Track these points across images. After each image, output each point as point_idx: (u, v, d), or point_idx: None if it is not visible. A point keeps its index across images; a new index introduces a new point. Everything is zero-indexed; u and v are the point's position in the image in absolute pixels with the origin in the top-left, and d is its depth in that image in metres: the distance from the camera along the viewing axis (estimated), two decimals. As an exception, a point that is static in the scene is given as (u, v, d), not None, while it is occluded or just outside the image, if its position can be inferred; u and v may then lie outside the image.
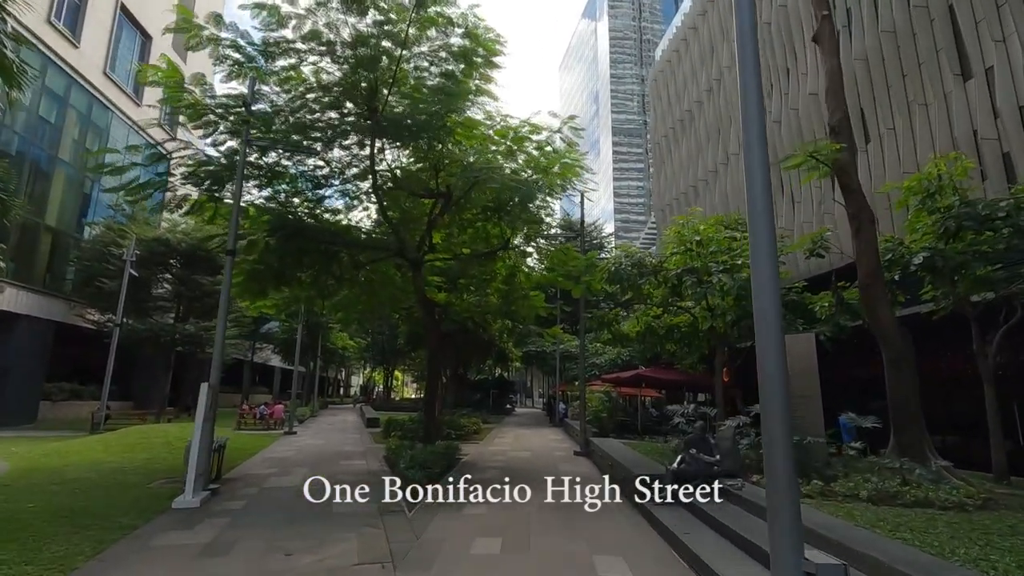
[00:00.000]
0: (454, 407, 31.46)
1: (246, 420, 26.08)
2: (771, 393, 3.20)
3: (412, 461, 10.62)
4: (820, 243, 10.82)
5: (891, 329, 9.21)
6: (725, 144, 27.45)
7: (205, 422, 9.30)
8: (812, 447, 8.58)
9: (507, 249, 15.62)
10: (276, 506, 8.91)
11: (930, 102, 15.41)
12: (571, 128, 14.11)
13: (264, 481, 11.27)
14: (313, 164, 14.46)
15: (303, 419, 30.72)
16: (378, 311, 20.56)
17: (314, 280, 14.77)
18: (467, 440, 20.06)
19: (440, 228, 15.97)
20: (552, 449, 17.71)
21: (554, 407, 31.32)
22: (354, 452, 16.88)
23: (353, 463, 14.33)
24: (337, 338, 42.75)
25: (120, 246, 25.16)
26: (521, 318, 18.33)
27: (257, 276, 13.97)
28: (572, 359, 31.59)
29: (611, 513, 8.49)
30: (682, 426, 10.30)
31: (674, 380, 18.81)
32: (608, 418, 19.41)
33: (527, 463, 14.34)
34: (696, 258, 12.44)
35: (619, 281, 12.22)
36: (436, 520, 7.99)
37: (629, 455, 11.79)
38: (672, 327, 14.96)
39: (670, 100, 34.86)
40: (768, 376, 3.16)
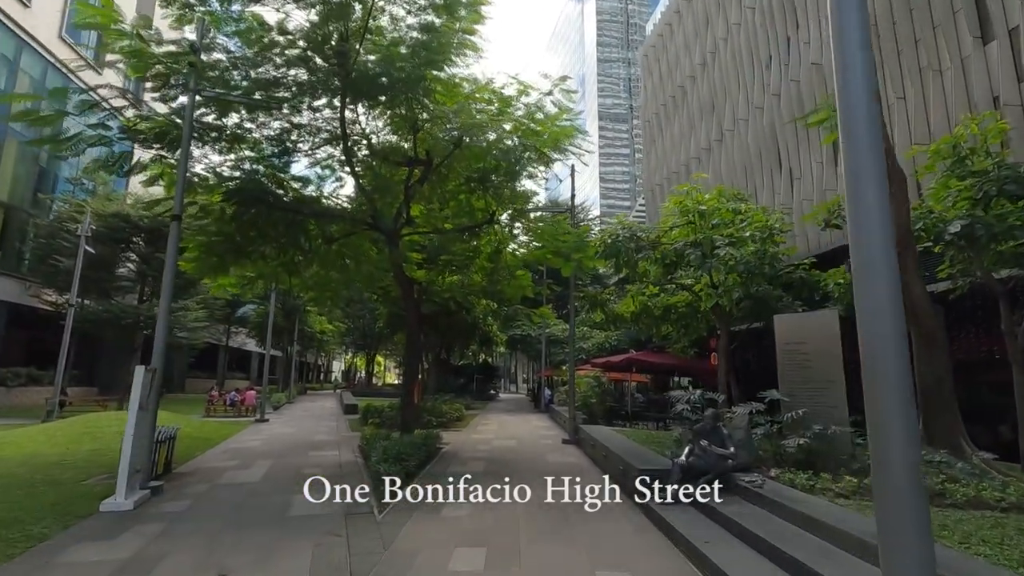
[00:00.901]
0: (436, 392, 30.37)
1: (216, 407, 24.70)
2: (887, 387, 2.15)
3: (385, 454, 9.47)
4: (837, 212, 9.78)
5: (923, 304, 8.24)
6: (719, 120, 26.38)
7: (142, 410, 8.00)
8: (837, 438, 7.61)
9: (492, 224, 14.41)
10: (225, 507, 7.70)
11: (945, 68, 14.43)
12: (563, 91, 12.85)
13: (219, 476, 10.04)
14: (279, 127, 13.06)
15: (279, 406, 29.42)
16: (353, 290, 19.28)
17: (279, 254, 13.41)
18: (449, 428, 18.98)
19: (420, 200, 14.72)
20: (539, 437, 16.69)
21: (539, 393, 30.37)
22: (327, 441, 15.70)
23: (324, 454, 13.15)
24: (315, 322, 41.23)
25: (77, 222, 23.39)
26: (507, 298, 17.20)
27: (214, 249, 12.59)
28: (558, 343, 30.60)
29: (611, 514, 7.44)
30: (686, 414, 9.28)
31: (667, 364, 17.89)
32: (597, 404, 18.44)
33: (513, 453, 13.29)
34: (698, 231, 11.38)
35: (615, 255, 11.11)
36: (410, 524, 6.87)
37: (624, 444, 10.77)
38: (668, 307, 13.93)
39: (662, 76, 33.61)
40: (880, 369, 2.13)
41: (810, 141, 19.73)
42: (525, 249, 15.09)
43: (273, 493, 8.60)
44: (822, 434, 7.47)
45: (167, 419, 18.28)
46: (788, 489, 6.60)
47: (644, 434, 13.77)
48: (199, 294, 27.97)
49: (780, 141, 21.45)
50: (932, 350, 8.18)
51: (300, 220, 13.08)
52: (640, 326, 13.65)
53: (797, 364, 8.48)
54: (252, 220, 12.48)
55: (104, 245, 24.87)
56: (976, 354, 11.62)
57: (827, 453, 7.57)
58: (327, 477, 10.02)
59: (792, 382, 8.52)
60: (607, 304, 13.46)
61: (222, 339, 45.02)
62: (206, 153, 13.63)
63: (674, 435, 10.19)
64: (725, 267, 10.45)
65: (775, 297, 13.78)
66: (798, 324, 8.72)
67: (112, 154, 10.40)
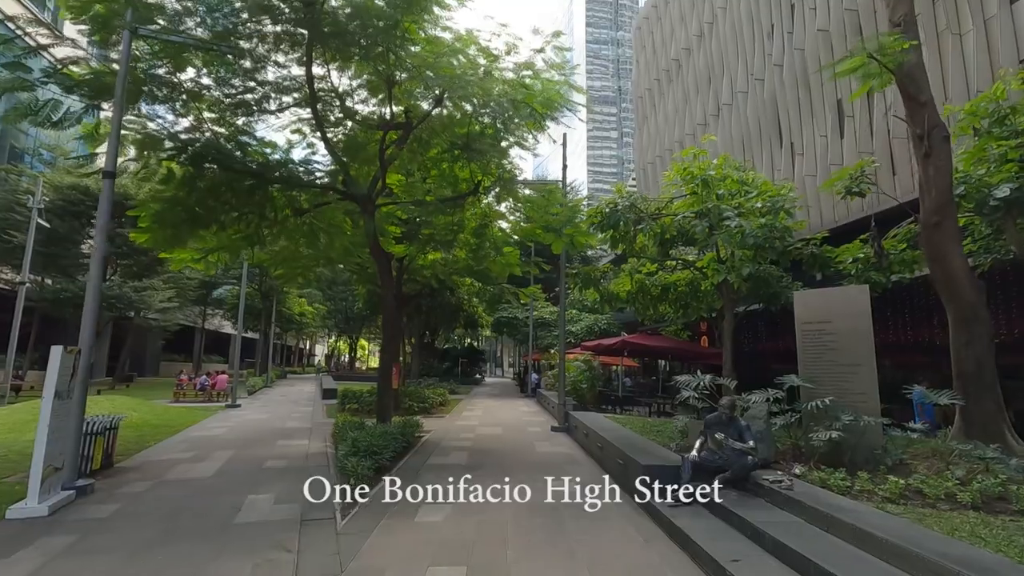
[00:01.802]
0: (419, 377, 29.30)
1: (185, 391, 23.37)
2: None
3: (354, 447, 8.36)
4: (860, 179, 8.77)
5: (964, 279, 7.29)
6: (716, 93, 25.25)
7: (59, 398, 6.78)
8: (869, 429, 6.66)
9: (477, 195, 13.21)
10: (162, 511, 6.56)
11: (965, 31, 13.44)
12: (556, 48, 11.65)
13: (167, 471, 8.87)
14: (241, 84, 11.68)
15: (254, 390, 28.19)
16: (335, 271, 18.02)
17: (242, 224, 12.11)
18: (431, 414, 17.96)
19: (399, 169, 13.50)
20: (526, 424, 15.72)
21: (526, 377, 29.44)
22: (298, 429, 14.59)
23: (293, 444, 12.04)
24: (294, 303, 39.74)
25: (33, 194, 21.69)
26: (493, 277, 16.07)
27: (168, 218, 11.25)
28: (546, 326, 29.61)
29: (613, 518, 6.43)
30: (692, 401, 8.29)
31: (663, 347, 16.98)
32: (588, 389, 17.51)
33: (499, 442, 12.29)
34: (703, 200, 10.32)
35: (614, 227, 10.02)
36: (377, 533, 5.80)
37: (622, 435, 9.80)
38: (667, 286, 12.92)
39: (655, 49, 32.28)
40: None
41: (814, 113, 18.72)
42: (513, 223, 13.95)
43: (224, 492, 7.48)
44: (853, 425, 6.52)
45: (127, 405, 17.04)
46: (822, 491, 5.64)
47: (639, 421, 12.84)
48: (167, 272, 26.36)
49: (782, 114, 20.41)
50: (972, 329, 7.25)
51: (264, 187, 11.80)
52: (636, 306, 12.63)
53: (820, 346, 7.50)
54: (210, 186, 11.21)
55: (62, 220, 23.23)
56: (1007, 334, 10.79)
57: (855, 447, 6.63)
58: (289, 472, 8.96)
59: (814, 366, 7.55)
60: (601, 282, 12.41)
61: (197, 321, 43.47)
62: (160, 112, 12.33)
63: (678, 425, 9.22)
64: (734, 240, 9.43)
65: (775, 276, 12.83)
66: (822, 301, 7.72)
67: (36, 101, 9.00)
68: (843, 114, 17.30)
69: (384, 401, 12.23)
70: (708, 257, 10.41)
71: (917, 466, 6.48)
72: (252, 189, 11.49)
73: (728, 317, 10.46)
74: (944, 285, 7.46)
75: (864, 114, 16.39)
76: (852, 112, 16.79)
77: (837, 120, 17.56)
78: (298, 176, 11.64)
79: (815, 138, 18.43)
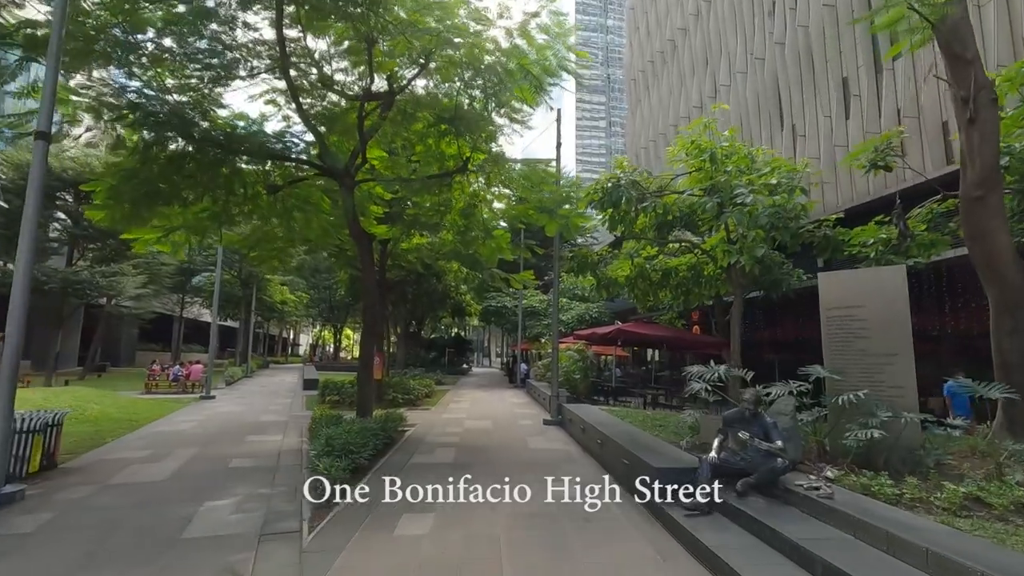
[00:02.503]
0: (405, 367, 28.36)
1: (157, 382, 22.25)
2: None
3: (328, 446, 7.47)
4: (886, 151, 7.99)
5: (1009, 260, 6.55)
6: (714, 75, 24.40)
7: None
8: (908, 427, 5.92)
9: (465, 172, 12.26)
10: (98, 524, 5.62)
11: (984, 2, 12.69)
12: (552, 13, 10.71)
13: (116, 473, 7.91)
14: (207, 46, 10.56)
15: (232, 381, 27.11)
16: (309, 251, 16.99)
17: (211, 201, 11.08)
18: (416, 406, 17.08)
19: (381, 143, 12.52)
20: (517, 417, 14.92)
21: (515, 367, 28.64)
22: (273, 423, 13.65)
23: (265, 439, 11.12)
24: (275, 291, 38.46)
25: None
26: (482, 262, 15.15)
27: (124, 193, 10.18)
28: (535, 316, 28.79)
29: (622, 529, 5.62)
30: (702, 395, 7.50)
31: (660, 337, 16.23)
32: (581, 380, 16.74)
33: (488, 437, 11.46)
34: (709, 176, 9.49)
35: (615, 204, 9.15)
36: (349, 550, 4.93)
37: (623, 430, 9.02)
38: (668, 271, 12.11)
39: (649, 30, 31.30)
40: None
41: (817, 92, 17.97)
42: (504, 203, 13.03)
43: (176, 499, 6.55)
44: (892, 423, 5.77)
45: (90, 397, 15.94)
46: (867, 500, 4.87)
47: (638, 415, 12.07)
48: (137, 258, 25.01)
49: (783, 94, 19.64)
50: (1017, 316, 6.53)
51: (232, 160, 10.78)
52: (635, 292, 11.82)
53: (849, 333, 6.73)
54: (171, 157, 10.19)
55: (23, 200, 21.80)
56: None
57: (892, 447, 5.88)
58: (256, 473, 8.06)
59: (840, 356, 6.79)
60: (598, 267, 11.54)
61: (175, 309, 42.04)
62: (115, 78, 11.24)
63: (687, 420, 8.43)
64: (747, 219, 8.62)
65: (777, 262, 12.10)
66: (851, 283, 6.94)
67: None
68: (849, 93, 16.56)
69: (364, 393, 11.32)
70: (717, 237, 9.59)
71: (962, 468, 5.75)
72: (218, 162, 10.48)
73: (737, 302, 9.69)
74: (985, 266, 6.72)
75: (871, 93, 15.66)
76: (859, 91, 16.05)
77: (843, 99, 16.82)
78: (267, 147, 10.59)
79: (819, 119, 17.69)
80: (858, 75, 16.15)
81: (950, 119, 12.57)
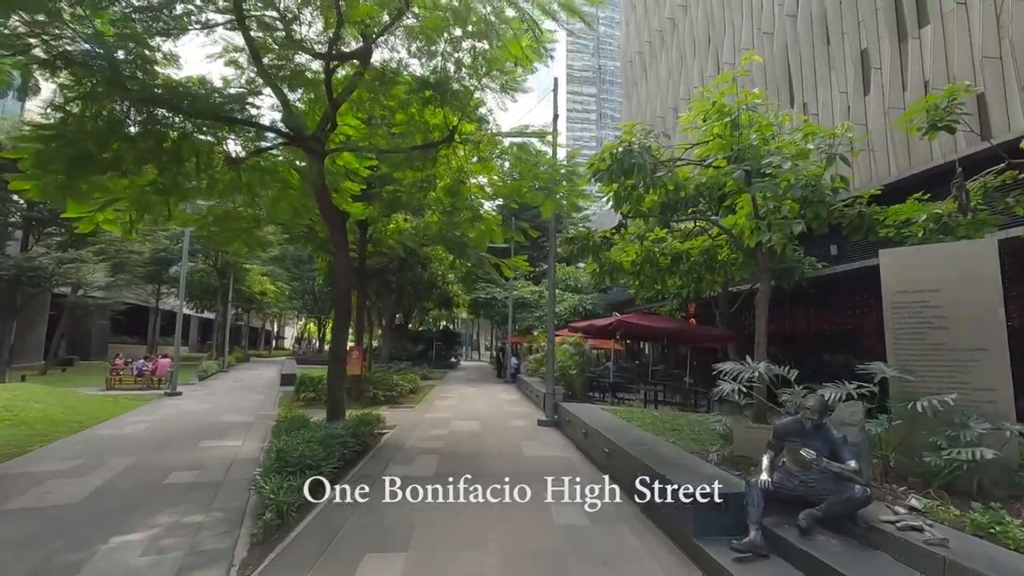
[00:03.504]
0: (390, 360, 26.93)
1: (120, 377, 20.62)
2: None
3: (280, 460, 6.08)
4: (951, 108, 6.71)
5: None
6: (717, 52, 23.07)
7: None
8: (1007, 443, 4.67)
9: (451, 143, 10.84)
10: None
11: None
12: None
13: (23, 492, 6.48)
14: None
15: (206, 375, 25.50)
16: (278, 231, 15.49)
17: (157, 171, 9.56)
18: (398, 404, 15.73)
19: (357, 109, 11.12)
20: (508, 416, 13.61)
21: (504, 361, 27.32)
22: (236, 424, 12.25)
23: (221, 445, 9.72)
24: (254, 281, 36.75)
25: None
26: (470, 247, 13.77)
27: (53, 159, 8.64)
28: (526, 307, 27.45)
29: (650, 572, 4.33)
30: (729, 396, 6.22)
31: (664, 329, 14.98)
32: (578, 376, 15.47)
33: (477, 442, 10.11)
34: (729, 147, 8.16)
35: (626, 174, 7.76)
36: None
37: (633, 436, 7.73)
38: (679, 255, 10.82)
39: (647, 8, 29.84)
40: None
41: (832, 68, 16.70)
42: (495, 180, 11.64)
43: (78, 533, 5.15)
44: (992, 436, 4.52)
45: (35, 394, 14.36)
46: (995, 549, 3.59)
47: (644, 416, 10.81)
48: (99, 244, 23.26)
49: (794, 71, 18.37)
50: None
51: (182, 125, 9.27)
52: (641, 279, 10.52)
53: (921, 323, 5.47)
54: (112, 120, 8.72)
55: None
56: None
57: (986, 467, 4.63)
58: (195, 491, 6.66)
59: (908, 351, 5.53)
60: (601, 251, 10.20)
61: (151, 300, 40.26)
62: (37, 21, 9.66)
63: (715, 426, 7.15)
64: (781, 190, 7.34)
65: (790, 247, 10.87)
66: (925, 261, 5.66)
67: None
68: (868, 66, 15.31)
69: (335, 393, 9.94)
70: (742, 212, 8.27)
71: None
72: (163, 124, 8.99)
73: (764, 289, 8.42)
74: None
75: (894, 65, 14.43)
76: (879, 63, 14.81)
77: (861, 74, 15.57)
78: (222, 108, 9.08)
79: (834, 95, 16.44)
80: (879, 46, 14.90)
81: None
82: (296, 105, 10.27)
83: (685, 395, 15.80)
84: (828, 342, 14.67)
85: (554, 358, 12.98)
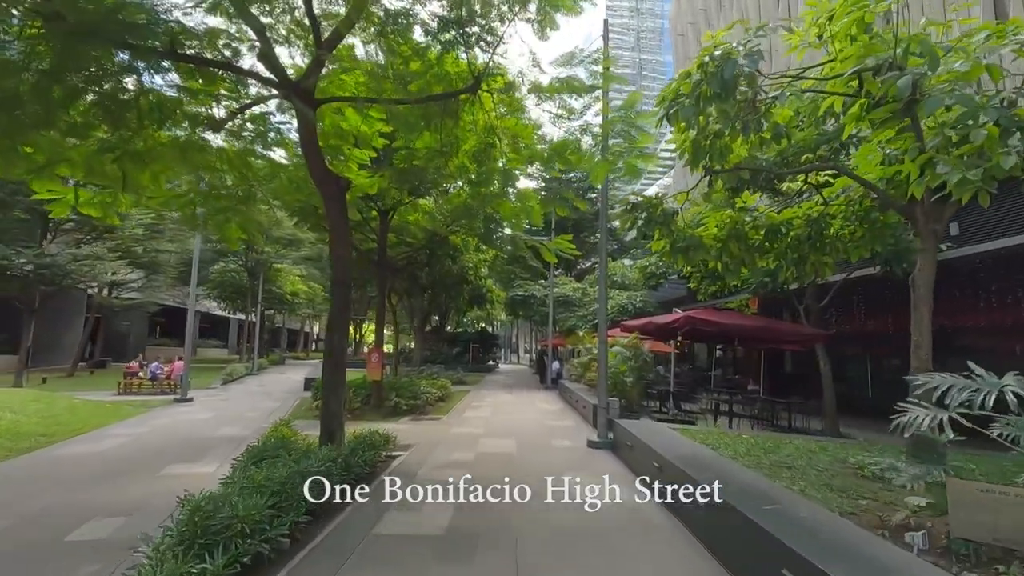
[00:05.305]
0: (422, 364, 24.88)
1: (137, 381, 19.26)
2: None
3: (192, 528, 3.84)
4: None
5: None
6: (788, 8, 19.99)
7: None
8: None
9: (477, 92, 8.46)
10: None
11: None
12: None
13: None
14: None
15: (230, 379, 24.10)
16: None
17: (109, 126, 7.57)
18: (423, 415, 13.54)
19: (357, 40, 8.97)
20: (550, 433, 11.17)
21: (546, 364, 24.83)
22: (228, 440, 10.37)
23: (188, 472, 7.71)
24: (285, 281, 35.55)
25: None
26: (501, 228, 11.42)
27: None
28: (567, 306, 24.79)
29: None
30: (925, 431, 3.60)
31: (744, 327, 12.12)
32: (634, 385, 12.87)
33: (511, 471, 7.58)
34: (886, 48, 5.45)
35: (726, 94, 5.08)
36: None
37: (743, 481, 5.19)
38: (775, 227, 8.13)
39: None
40: None
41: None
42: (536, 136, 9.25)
43: None
44: None
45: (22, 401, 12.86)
46: None
47: (734, 441, 8.14)
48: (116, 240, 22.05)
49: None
50: None
51: (133, 65, 7.23)
52: (727, 258, 7.89)
53: None
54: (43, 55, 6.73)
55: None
56: None
57: None
58: (96, 557, 4.53)
59: None
60: (673, 221, 7.61)
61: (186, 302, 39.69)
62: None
63: (902, 479, 4.46)
64: (976, 107, 4.65)
65: (891, 223, 8.03)
66: None
67: None
68: None
69: (330, 409, 7.74)
70: (904, 146, 5.43)
71: None
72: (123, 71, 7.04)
73: (927, 265, 5.64)
74: None
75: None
76: None
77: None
78: (175, 38, 6.97)
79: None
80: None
81: None
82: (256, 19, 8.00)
83: (761, 408, 12.95)
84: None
85: (607, 363, 10.47)
